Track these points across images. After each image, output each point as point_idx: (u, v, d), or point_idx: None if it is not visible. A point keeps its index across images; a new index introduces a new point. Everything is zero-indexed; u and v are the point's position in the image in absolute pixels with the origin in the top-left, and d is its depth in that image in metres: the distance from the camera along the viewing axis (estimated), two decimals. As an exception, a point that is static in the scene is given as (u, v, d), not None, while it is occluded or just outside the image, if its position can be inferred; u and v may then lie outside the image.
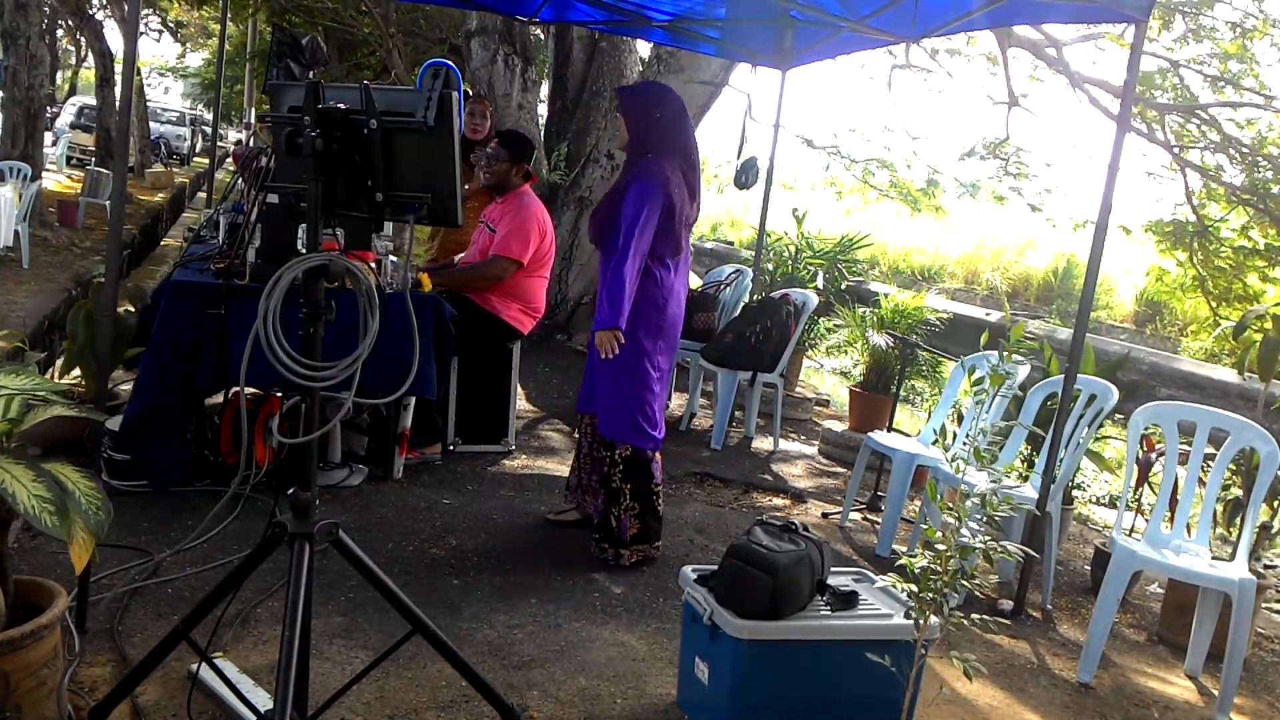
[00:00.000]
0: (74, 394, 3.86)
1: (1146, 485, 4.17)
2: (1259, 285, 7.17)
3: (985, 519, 2.27)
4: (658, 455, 3.55)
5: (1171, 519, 3.47)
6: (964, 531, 2.14)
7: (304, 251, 1.95)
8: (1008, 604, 3.63)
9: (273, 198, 3.44)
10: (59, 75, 25.02)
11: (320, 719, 2.12)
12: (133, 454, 3.56)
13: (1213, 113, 7.22)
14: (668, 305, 3.43)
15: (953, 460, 2.49)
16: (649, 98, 3.44)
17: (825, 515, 4.53)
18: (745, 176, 5.59)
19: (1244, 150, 7.07)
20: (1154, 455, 3.87)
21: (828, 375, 10.03)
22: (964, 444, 2.50)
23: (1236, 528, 3.48)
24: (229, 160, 15.55)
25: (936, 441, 4.31)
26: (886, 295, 6.28)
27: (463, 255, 4.69)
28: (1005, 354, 2.90)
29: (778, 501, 4.68)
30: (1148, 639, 3.63)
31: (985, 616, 2.26)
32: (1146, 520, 3.56)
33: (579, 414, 3.74)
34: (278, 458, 3.78)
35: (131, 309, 4.16)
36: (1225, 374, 5.49)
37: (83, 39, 19.71)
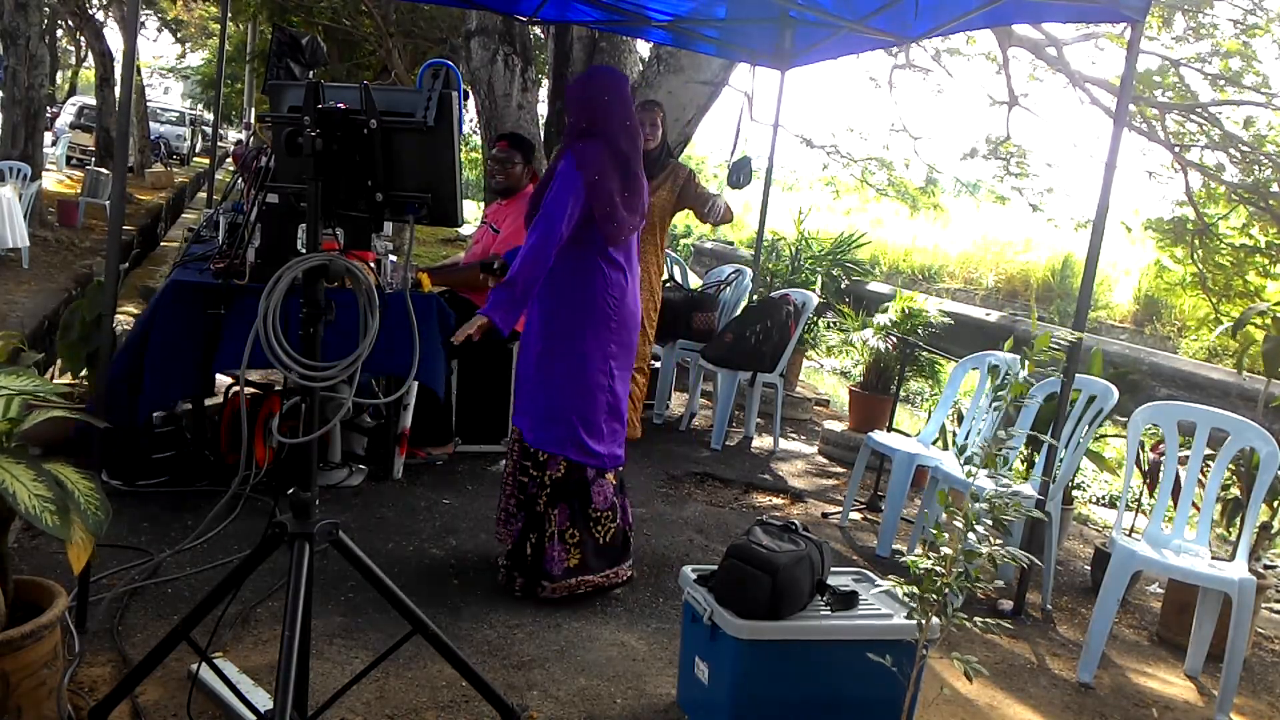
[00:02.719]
0: (74, 395, 3.86)
1: (1146, 485, 4.16)
2: (1259, 281, 7.17)
3: (992, 523, 2.26)
4: (606, 477, 3.17)
5: (1171, 519, 3.47)
6: (971, 536, 2.13)
7: (304, 251, 1.95)
8: (1008, 604, 3.63)
9: (273, 198, 3.45)
10: (59, 75, 25.01)
11: (320, 719, 2.12)
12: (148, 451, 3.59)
13: (1213, 111, 7.22)
14: (621, 305, 3.12)
15: (965, 464, 2.48)
16: (584, 82, 3.16)
17: (825, 515, 4.52)
18: (738, 176, 5.58)
19: (1244, 149, 7.07)
20: (1159, 458, 3.86)
21: (828, 375, 10.03)
22: (976, 449, 2.48)
23: (1236, 528, 3.48)
24: (229, 160, 15.54)
25: (937, 441, 4.32)
26: (892, 301, 6.26)
27: (463, 258, 4.70)
28: (1027, 361, 2.85)
29: (778, 501, 4.68)
30: (1148, 639, 3.63)
31: (985, 618, 2.26)
32: (1147, 519, 3.56)
33: (512, 428, 3.31)
34: (278, 458, 3.78)
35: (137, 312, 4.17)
36: (1225, 374, 5.50)
37: (83, 39, 19.72)
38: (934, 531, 2.21)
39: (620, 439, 3.25)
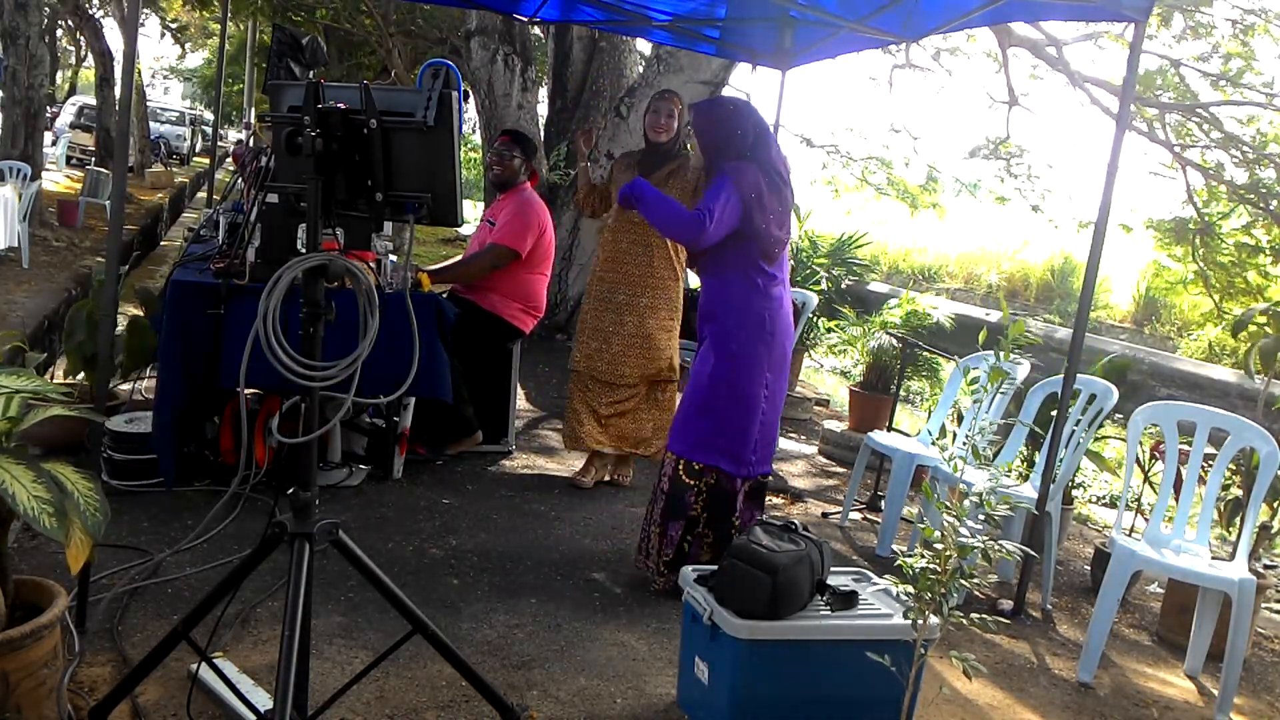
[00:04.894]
0: (74, 394, 3.86)
1: (1147, 485, 4.16)
2: (1261, 279, 7.17)
3: (984, 518, 2.27)
4: (745, 485, 3.27)
5: (1171, 519, 3.47)
6: (962, 531, 2.14)
7: (304, 251, 1.95)
8: (1007, 604, 3.63)
9: (273, 198, 3.44)
10: (59, 75, 24.99)
11: (320, 719, 2.12)
12: (153, 452, 3.56)
13: (1213, 111, 7.22)
14: (777, 319, 3.20)
15: (950, 460, 2.50)
16: (723, 112, 3.23)
17: (825, 515, 4.52)
18: None
19: (1245, 149, 7.07)
20: (1159, 457, 3.87)
21: (828, 375, 10.04)
22: (962, 443, 2.51)
23: (1236, 528, 3.48)
24: (229, 160, 15.53)
25: (936, 441, 4.32)
26: (893, 302, 6.26)
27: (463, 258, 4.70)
28: (1003, 352, 2.90)
29: (777, 501, 4.68)
30: (1148, 639, 3.63)
31: (985, 616, 2.26)
32: (1147, 520, 3.56)
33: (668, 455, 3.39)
34: (278, 457, 3.77)
35: (140, 312, 4.16)
36: (1225, 374, 5.50)
37: (83, 39, 19.71)
38: (922, 529, 2.21)
39: (766, 453, 3.30)
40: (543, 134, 8.42)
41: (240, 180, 3.89)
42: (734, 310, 3.19)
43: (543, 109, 9.12)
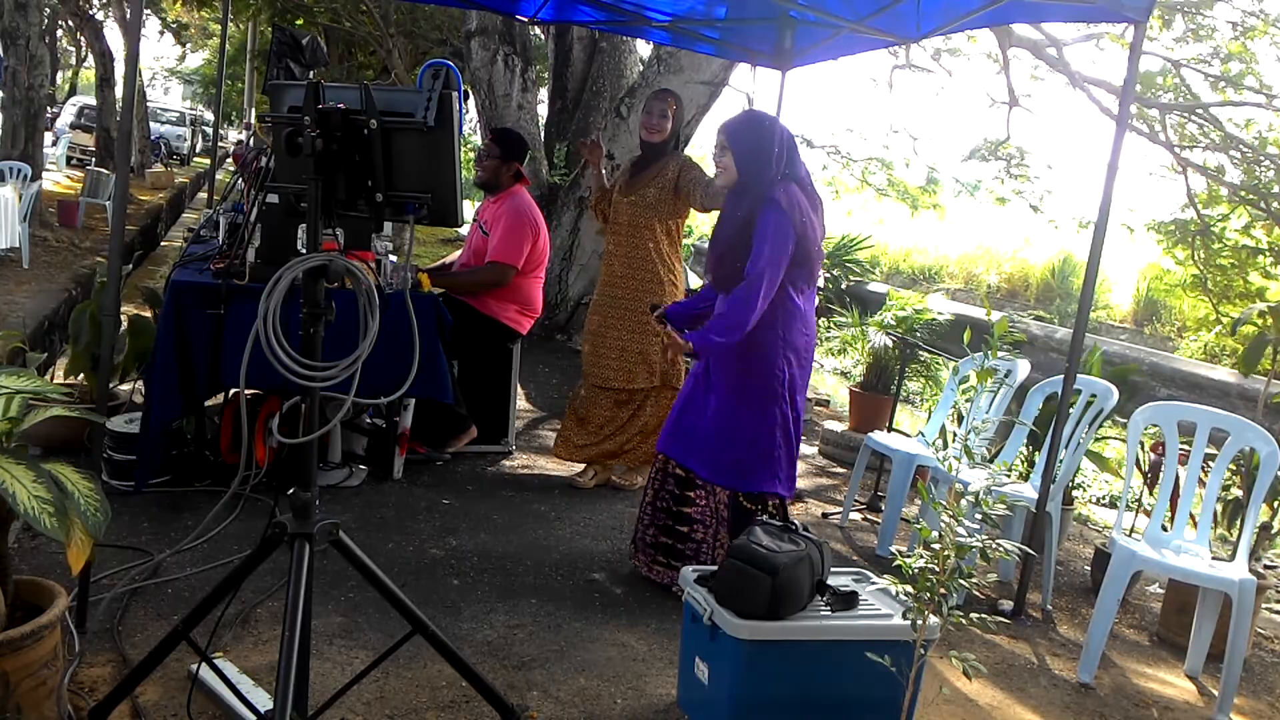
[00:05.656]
0: (75, 394, 3.86)
1: (1147, 485, 4.16)
2: (1261, 282, 7.16)
3: (982, 517, 2.27)
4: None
5: (1172, 519, 3.47)
6: (960, 530, 2.14)
7: (304, 251, 1.95)
8: (1007, 604, 3.63)
9: (273, 198, 3.44)
10: (59, 75, 25.00)
11: (320, 719, 2.12)
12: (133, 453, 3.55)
13: (1214, 112, 7.22)
14: (813, 344, 3.25)
15: (945, 460, 2.50)
16: (762, 130, 3.14)
17: (825, 515, 4.52)
18: None
19: (1245, 151, 7.07)
20: (1160, 458, 3.87)
21: (828, 375, 10.03)
22: (958, 444, 2.51)
23: (1236, 528, 3.48)
24: (229, 160, 15.52)
25: (934, 442, 4.32)
26: (892, 302, 6.26)
27: (458, 257, 4.69)
28: (990, 350, 2.91)
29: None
30: (1148, 639, 3.63)
31: (985, 616, 2.26)
32: (1147, 519, 3.56)
33: (657, 455, 3.39)
34: (278, 458, 3.77)
35: (146, 313, 4.16)
36: (1225, 374, 5.48)
37: (83, 39, 19.72)
38: (919, 528, 2.21)
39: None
40: (542, 134, 8.42)
41: (240, 180, 3.89)
42: (779, 340, 3.12)
43: (543, 109, 9.13)
